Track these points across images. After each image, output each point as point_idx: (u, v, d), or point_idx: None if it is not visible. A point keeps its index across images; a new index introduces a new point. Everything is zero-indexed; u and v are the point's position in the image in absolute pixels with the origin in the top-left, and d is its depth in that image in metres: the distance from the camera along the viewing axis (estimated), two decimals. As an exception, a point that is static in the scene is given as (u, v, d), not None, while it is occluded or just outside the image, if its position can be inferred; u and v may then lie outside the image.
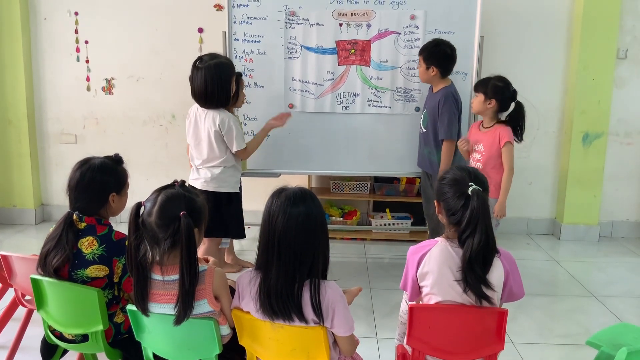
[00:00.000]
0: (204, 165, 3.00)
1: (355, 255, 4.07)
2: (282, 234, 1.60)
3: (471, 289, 1.69)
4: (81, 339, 1.97)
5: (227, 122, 2.90)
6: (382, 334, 2.87)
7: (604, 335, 2.04)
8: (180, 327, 1.68)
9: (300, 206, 1.62)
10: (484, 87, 3.07)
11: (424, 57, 3.21)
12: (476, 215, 1.67)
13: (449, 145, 3.21)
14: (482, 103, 3.08)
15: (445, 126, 3.17)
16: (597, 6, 4.16)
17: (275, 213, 1.62)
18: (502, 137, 3.03)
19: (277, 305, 1.61)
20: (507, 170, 3.05)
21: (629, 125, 4.43)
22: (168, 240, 1.67)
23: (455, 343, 1.77)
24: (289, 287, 1.60)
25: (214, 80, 2.84)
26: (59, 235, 1.88)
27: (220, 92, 2.87)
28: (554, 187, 4.58)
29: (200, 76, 2.84)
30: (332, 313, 1.62)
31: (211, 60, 2.85)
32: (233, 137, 2.93)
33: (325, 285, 1.63)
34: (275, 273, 1.61)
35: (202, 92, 2.86)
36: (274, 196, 1.66)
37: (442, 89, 3.22)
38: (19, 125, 4.50)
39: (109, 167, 2.00)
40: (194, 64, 2.88)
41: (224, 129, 2.90)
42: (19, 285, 2.30)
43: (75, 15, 4.43)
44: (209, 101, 2.89)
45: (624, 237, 4.58)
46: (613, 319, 3.11)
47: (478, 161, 3.12)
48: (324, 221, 1.69)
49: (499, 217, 3.09)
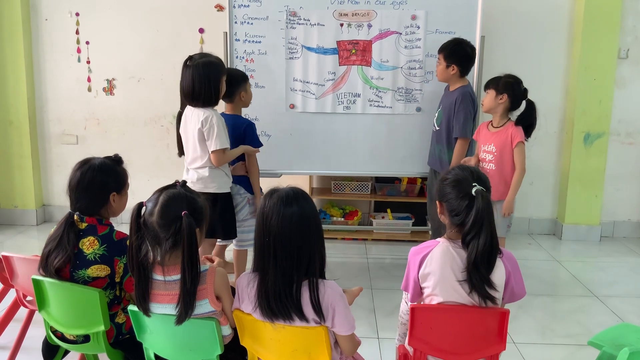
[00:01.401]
0: (191, 165, 2.95)
1: (356, 255, 4.07)
2: (276, 235, 1.60)
3: (476, 289, 1.68)
4: (82, 339, 1.97)
5: (209, 119, 2.81)
6: (384, 334, 2.87)
7: (605, 336, 2.03)
8: (182, 327, 1.68)
9: (294, 206, 1.62)
10: (495, 83, 3.08)
11: (445, 56, 3.20)
12: (482, 216, 1.66)
13: (462, 143, 3.20)
14: (493, 99, 3.07)
15: (461, 124, 3.17)
16: (598, 6, 4.16)
17: (269, 214, 1.62)
18: (514, 137, 3.03)
19: (277, 306, 1.61)
20: (519, 170, 3.05)
21: (630, 125, 4.43)
22: (170, 240, 1.67)
23: (456, 343, 1.77)
24: (287, 288, 1.60)
25: (202, 78, 2.80)
26: (60, 236, 1.88)
27: (208, 91, 2.82)
28: (555, 187, 4.57)
29: (189, 74, 2.80)
30: (332, 312, 1.62)
31: (200, 59, 2.83)
32: (213, 136, 2.80)
33: (324, 284, 1.63)
34: (273, 274, 1.61)
35: (190, 90, 2.81)
36: (267, 197, 1.66)
37: (459, 87, 3.22)
38: (20, 126, 4.50)
39: (109, 167, 2.00)
40: (184, 63, 2.85)
41: (205, 126, 2.81)
42: (20, 286, 2.30)
43: (76, 16, 4.43)
44: (196, 99, 2.84)
45: (625, 237, 4.58)
46: (615, 319, 3.10)
47: (490, 162, 3.12)
48: (318, 220, 1.69)
49: (507, 214, 3.09)
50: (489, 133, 3.15)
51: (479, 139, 3.24)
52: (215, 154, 2.83)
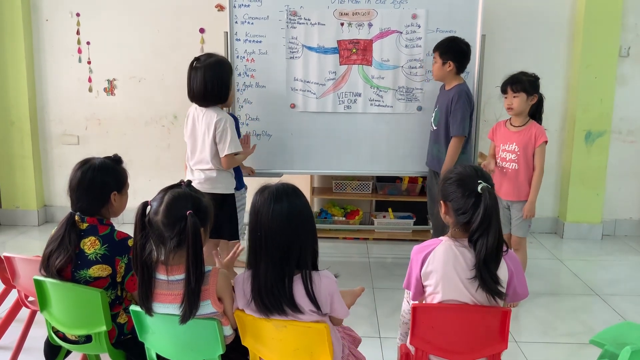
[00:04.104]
0: (197, 166, 2.97)
1: (357, 254, 4.07)
2: (268, 230, 1.63)
3: (486, 286, 1.68)
4: (84, 339, 1.97)
5: (223, 123, 2.87)
6: (385, 333, 2.87)
7: (607, 334, 2.03)
8: (184, 327, 1.68)
9: (284, 201, 1.65)
10: (521, 84, 3.05)
11: (440, 53, 3.19)
12: (489, 214, 1.65)
13: (457, 141, 3.18)
14: (525, 102, 3.06)
15: (458, 122, 3.15)
16: (600, 4, 4.15)
17: (260, 210, 1.66)
18: (538, 137, 3.04)
19: (269, 300, 1.64)
20: (539, 170, 3.06)
21: (632, 123, 4.42)
22: (174, 240, 1.67)
23: (458, 342, 1.77)
24: (279, 282, 1.63)
25: (214, 78, 2.85)
26: (61, 236, 1.89)
27: (220, 90, 2.88)
28: (557, 185, 4.57)
29: (200, 75, 2.84)
30: (330, 299, 1.67)
31: (210, 59, 2.86)
32: (226, 140, 2.87)
33: (319, 275, 1.67)
34: (264, 269, 1.64)
35: (202, 90, 2.85)
36: (258, 194, 1.70)
37: (455, 86, 3.21)
38: (22, 126, 4.50)
39: (109, 166, 2.01)
40: (190, 65, 2.89)
41: (219, 129, 2.86)
42: (22, 287, 2.30)
43: (77, 16, 4.43)
44: (208, 99, 2.89)
45: (627, 236, 4.57)
46: (617, 318, 3.10)
47: (512, 161, 3.11)
48: (310, 215, 1.71)
49: (529, 217, 3.09)
50: (509, 132, 3.14)
51: (496, 139, 3.23)
52: (227, 157, 2.90)
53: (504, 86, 3.14)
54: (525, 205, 3.10)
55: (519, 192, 3.12)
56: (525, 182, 3.10)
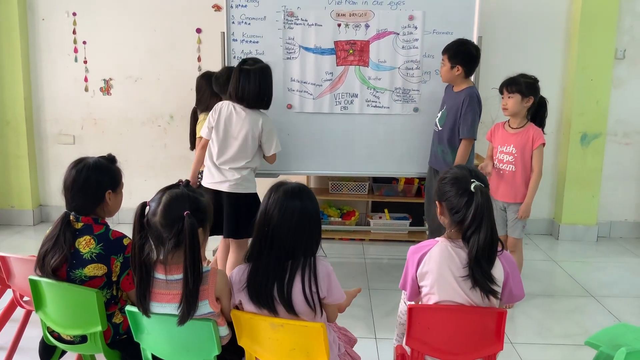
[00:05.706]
0: (230, 164, 2.97)
1: (353, 255, 4.07)
2: (276, 226, 1.66)
3: (478, 285, 1.69)
4: (80, 339, 1.96)
5: (269, 123, 2.98)
6: (381, 334, 2.87)
7: (602, 336, 2.04)
8: (180, 328, 1.68)
9: (297, 201, 1.69)
10: (517, 86, 3.06)
11: (449, 56, 3.17)
12: (481, 211, 1.68)
13: (467, 144, 3.16)
14: (519, 103, 3.06)
15: (468, 125, 3.13)
16: (595, 6, 4.17)
17: (272, 206, 1.68)
18: (535, 139, 3.04)
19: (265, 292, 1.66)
20: (537, 172, 3.07)
21: (627, 125, 4.44)
22: (172, 240, 1.67)
23: (454, 343, 1.77)
24: (279, 277, 1.66)
25: (268, 82, 2.95)
26: (56, 236, 1.88)
27: (269, 94, 2.98)
28: (552, 187, 4.58)
29: (253, 78, 2.89)
30: (328, 281, 1.70)
31: (259, 64, 2.93)
32: (273, 140, 3.00)
33: (317, 259, 1.72)
34: (265, 262, 1.67)
35: (256, 93, 2.90)
36: (273, 190, 1.73)
37: (465, 88, 3.18)
38: (17, 126, 4.49)
39: (104, 165, 2.01)
40: (238, 67, 2.91)
41: (265, 131, 2.95)
42: (17, 287, 2.29)
43: (73, 15, 4.42)
44: (259, 103, 2.95)
45: (622, 237, 4.58)
46: (612, 319, 3.11)
47: (509, 163, 3.12)
48: (319, 220, 1.75)
49: (523, 217, 3.10)
50: (507, 134, 3.14)
51: (494, 140, 3.23)
52: (274, 156, 3.08)
53: (500, 87, 3.15)
54: (521, 206, 3.10)
55: (516, 193, 3.13)
56: (522, 184, 3.11)
